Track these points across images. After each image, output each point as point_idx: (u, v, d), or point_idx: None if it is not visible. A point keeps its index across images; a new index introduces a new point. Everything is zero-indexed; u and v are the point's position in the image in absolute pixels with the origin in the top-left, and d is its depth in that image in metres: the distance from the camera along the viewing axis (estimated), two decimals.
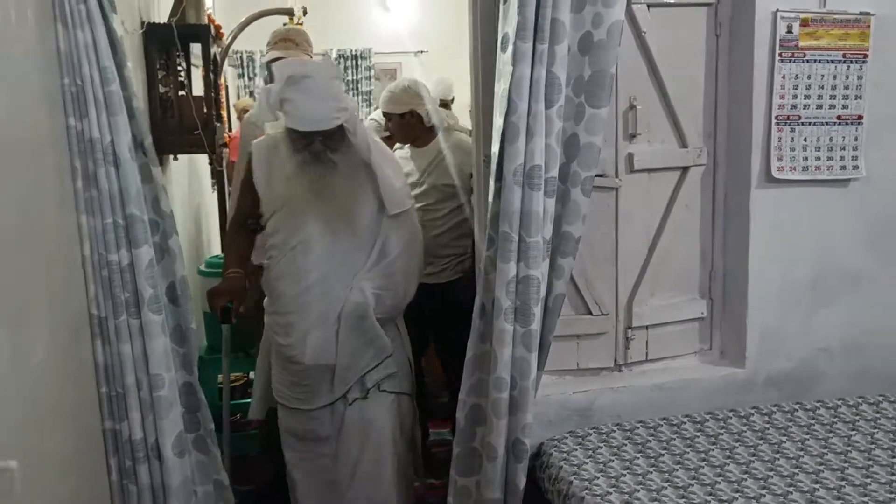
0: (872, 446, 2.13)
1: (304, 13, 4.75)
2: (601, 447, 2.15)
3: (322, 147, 2.29)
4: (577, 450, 2.13)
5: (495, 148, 2.06)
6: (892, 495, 1.86)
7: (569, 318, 2.35)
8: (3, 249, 1.48)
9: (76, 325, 1.87)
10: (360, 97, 7.19)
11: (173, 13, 3.25)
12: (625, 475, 1.99)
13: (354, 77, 7.19)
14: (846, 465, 2.03)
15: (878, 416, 2.30)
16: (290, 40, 3.10)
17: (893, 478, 1.95)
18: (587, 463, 2.06)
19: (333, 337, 2.42)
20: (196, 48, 3.35)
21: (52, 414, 1.69)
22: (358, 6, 7.15)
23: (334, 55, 7.16)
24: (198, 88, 3.49)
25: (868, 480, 1.94)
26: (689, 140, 2.38)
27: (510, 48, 1.97)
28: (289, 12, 4.62)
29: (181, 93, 3.22)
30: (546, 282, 2.09)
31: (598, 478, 1.98)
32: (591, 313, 2.39)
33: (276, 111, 2.28)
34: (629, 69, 2.27)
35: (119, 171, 1.85)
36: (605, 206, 2.34)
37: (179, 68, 3.24)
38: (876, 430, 2.22)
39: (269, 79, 2.74)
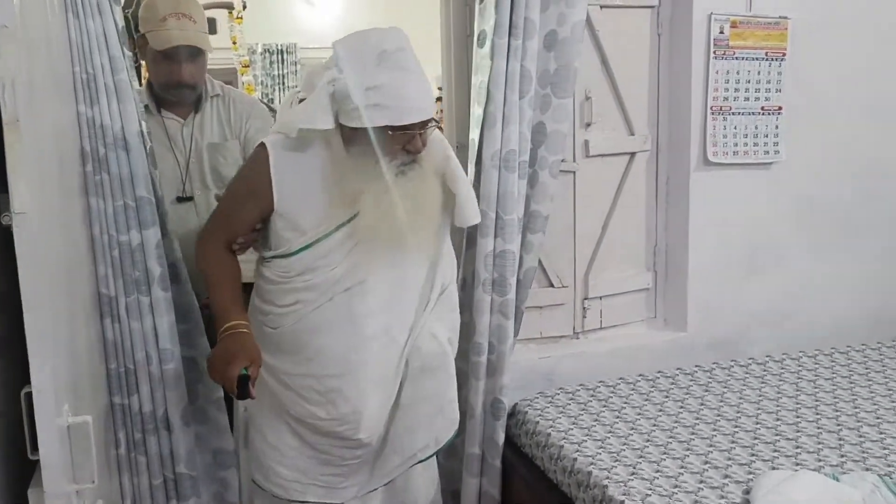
0: (798, 392, 2.45)
1: (244, 7, 4.76)
2: (570, 404, 2.38)
3: (422, 144, 1.75)
4: (549, 407, 2.36)
5: (474, 135, 2.26)
6: (820, 429, 2.18)
7: (533, 290, 2.57)
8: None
9: (86, 305, 1.95)
10: (286, 92, 7.26)
11: (127, 4, 3.27)
12: (595, 426, 2.23)
13: (281, 72, 7.25)
14: (779, 408, 2.33)
15: (800, 368, 2.64)
16: (184, 16, 2.23)
17: (818, 416, 2.27)
18: (560, 417, 2.29)
19: (394, 403, 1.90)
20: None
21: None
22: (282, 1, 7.20)
23: (259, 50, 7.20)
24: None
25: (799, 419, 2.25)
26: (636, 128, 2.65)
27: (488, 44, 2.18)
28: (228, 6, 4.63)
29: None
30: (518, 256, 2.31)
31: (573, 429, 2.21)
32: (552, 285, 2.63)
33: (357, 109, 1.68)
34: (585, 64, 2.49)
35: (129, 155, 1.94)
36: (565, 188, 2.58)
37: None
38: (800, 381, 2.55)
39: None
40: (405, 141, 1.72)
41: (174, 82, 2.28)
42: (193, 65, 2.28)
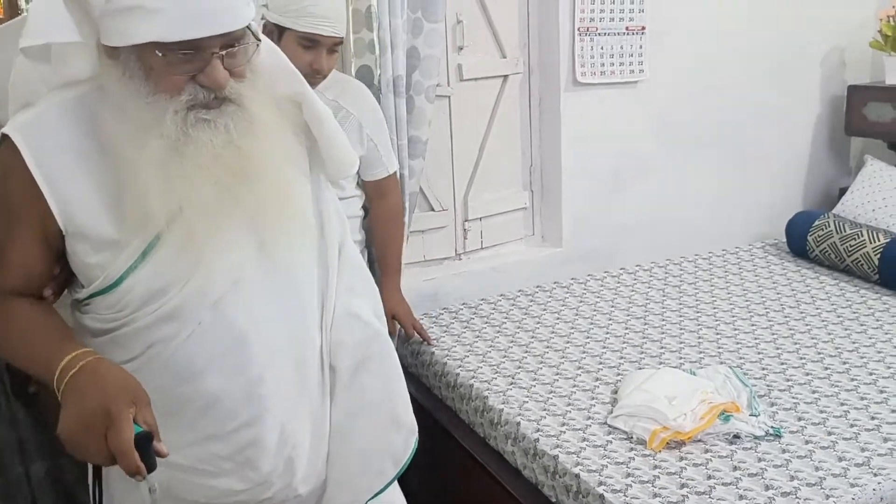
0: (664, 298, 2.64)
1: None
2: (453, 323, 2.48)
3: (226, 76, 1.12)
4: (433, 327, 2.45)
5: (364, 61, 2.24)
6: (682, 330, 2.36)
7: (414, 214, 2.62)
8: None
9: None
10: None
11: None
12: (476, 342, 2.34)
13: None
14: (647, 313, 2.51)
15: (666, 275, 2.83)
16: None
17: (681, 318, 2.46)
18: (444, 336, 2.38)
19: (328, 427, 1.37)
20: None
21: None
22: None
23: None
24: None
25: (664, 322, 2.44)
26: (507, 51, 2.70)
27: None
28: None
29: None
30: None
31: (455, 346, 2.31)
32: (433, 209, 2.69)
33: (105, 17, 1.08)
34: None
35: None
36: (441, 112, 2.61)
37: None
38: (666, 286, 2.73)
39: None
40: (196, 69, 1.10)
41: None
42: None
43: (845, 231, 2.72)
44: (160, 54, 1.07)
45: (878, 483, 1.58)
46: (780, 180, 3.30)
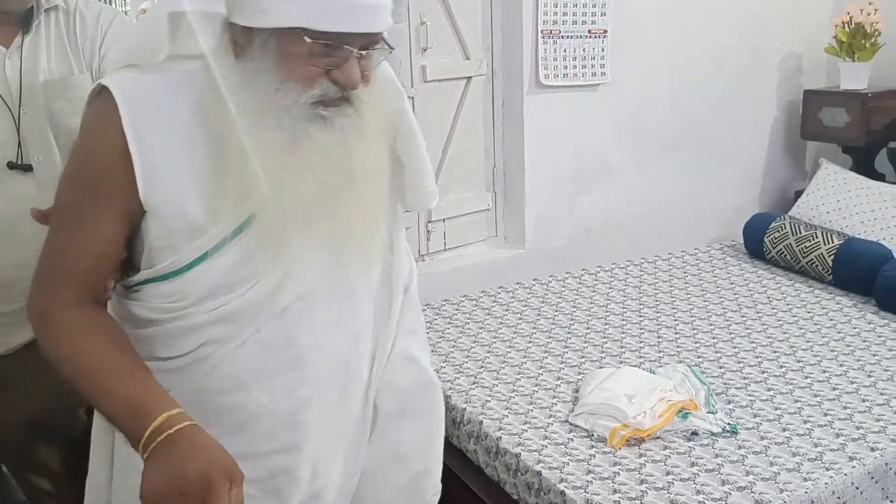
0: (625, 298, 2.67)
1: None
2: None
3: (360, 77, 1.09)
4: None
5: None
6: (642, 330, 2.40)
7: None
8: None
9: None
10: None
11: None
12: (440, 342, 2.35)
13: None
14: (608, 313, 2.54)
15: (627, 276, 2.87)
16: None
17: (641, 318, 2.49)
18: None
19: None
20: None
21: None
22: None
23: None
24: None
25: (624, 322, 2.47)
26: (471, 53, 2.72)
27: None
28: None
29: None
30: None
31: None
32: None
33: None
34: None
35: None
36: None
37: None
38: (626, 287, 2.77)
39: None
40: (333, 63, 1.06)
41: None
42: None
43: (801, 233, 2.78)
44: (309, 40, 1.02)
45: (830, 477, 1.62)
46: (737, 183, 3.37)
